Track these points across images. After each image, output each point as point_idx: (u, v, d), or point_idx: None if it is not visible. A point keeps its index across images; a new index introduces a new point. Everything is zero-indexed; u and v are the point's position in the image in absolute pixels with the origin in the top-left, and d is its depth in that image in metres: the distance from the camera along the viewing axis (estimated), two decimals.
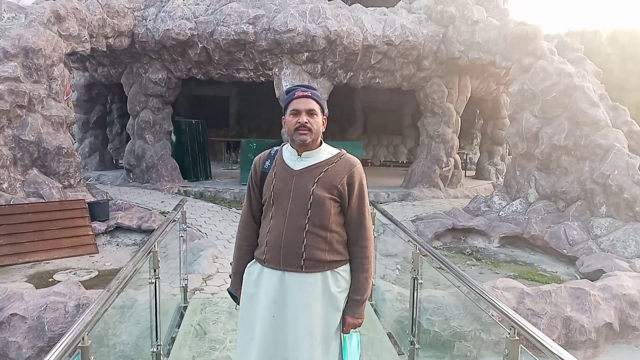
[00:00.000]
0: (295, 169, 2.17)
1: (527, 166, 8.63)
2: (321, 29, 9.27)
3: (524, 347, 2.13)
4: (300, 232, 2.10)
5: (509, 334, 2.16)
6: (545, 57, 8.44)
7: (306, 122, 2.11)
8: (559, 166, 8.02)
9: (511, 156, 9.89)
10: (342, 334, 2.21)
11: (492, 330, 4.54)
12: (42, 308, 4.44)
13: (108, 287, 2.21)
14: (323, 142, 2.23)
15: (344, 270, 2.19)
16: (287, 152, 2.24)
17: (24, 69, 7.86)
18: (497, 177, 14.08)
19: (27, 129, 7.88)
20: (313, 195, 2.09)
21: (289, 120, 2.16)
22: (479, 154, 15.77)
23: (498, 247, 8.04)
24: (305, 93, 2.16)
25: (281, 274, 2.12)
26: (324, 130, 2.22)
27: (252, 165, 2.33)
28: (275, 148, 2.33)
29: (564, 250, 7.22)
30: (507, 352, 2.14)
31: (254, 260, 2.26)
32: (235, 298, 2.39)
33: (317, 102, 2.17)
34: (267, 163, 2.26)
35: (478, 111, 15.01)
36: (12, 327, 4.34)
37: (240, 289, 2.32)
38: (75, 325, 1.81)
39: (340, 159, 2.19)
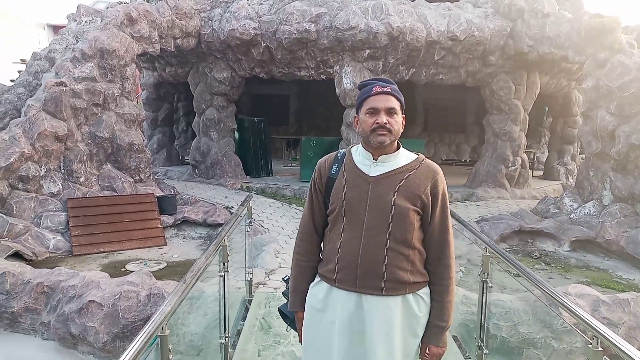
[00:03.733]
0: (371, 175, 1.92)
1: (602, 166, 8.15)
2: (383, 25, 9.18)
3: (607, 359, 2.01)
4: (381, 249, 1.86)
5: (590, 344, 2.04)
6: (623, 50, 7.93)
7: (386, 123, 1.86)
8: (637, 167, 7.52)
9: (583, 156, 9.39)
10: None
11: (564, 338, 4.32)
12: (117, 296, 4.68)
13: (184, 279, 2.29)
14: (400, 145, 1.99)
15: (425, 293, 1.95)
16: (359, 156, 1.98)
17: (100, 69, 8.30)
18: (567, 178, 13.41)
19: (102, 126, 8.32)
20: (395, 206, 1.85)
21: (364, 119, 1.91)
22: (547, 153, 15.08)
23: (569, 251, 7.66)
24: (385, 89, 1.91)
25: (357, 296, 1.89)
26: (402, 130, 1.96)
27: (316, 169, 2.07)
28: (342, 151, 2.07)
29: None
30: None
31: (319, 278, 2.02)
32: (288, 319, 2.17)
33: (398, 99, 1.92)
34: (335, 168, 2.00)
35: (547, 108, 14.33)
36: (90, 313, 4.60)
37: (300, 311, 2.07)
38: (156, 315, 1.89)
39: (421, 165, 1.94)
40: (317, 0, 9.90)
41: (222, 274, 3.33)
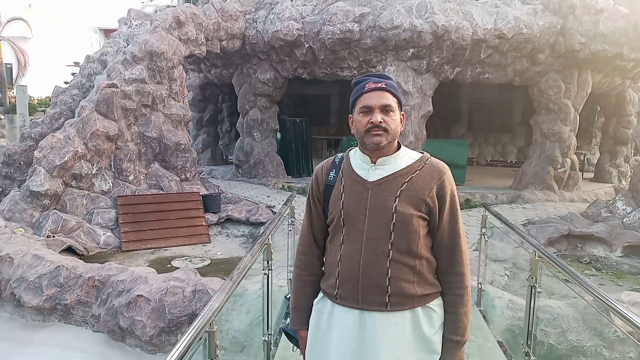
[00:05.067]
0: (369, 180, 1.75)
1: None
2: (428, 24, 9.05)
3: None
4: (383, 261, 1.69)
5: None
6: None
7: (380, 122, 1.69)
8: None
9: (638, 157, 8.96)
10: None
11: (616, 347, 4.15)
12: (164, 292, 4.82)
13: (231, 276, 2.34)
14: (401, 144, 1.81)
15: (437, 305, 1.77)
16: (357, 160, 1.82)
17: (149, 71, 8.56)
18: (620, 181, 12.83)
19: (151, 126, 8.58)
20: (396, 213, 1.68)
21: (358, 119, 1.75)
22: (598, 155, 14.48)
23: (621, 257, 7.34)
24: (379, 85, 1.73)
25: (359, 313, 1.72)
26: (402, 129, 1.80)
27: (313, 176, 1.92)
28: (339, 155, 1.90)
29: None
30: None
31: (322, 294, 1.86)
32: (293, 339, 2.02)
33: (394, 95, 1.75)
34: (332, 174, 1.84)
35: (599, 108, 13.77)
36: (138, 307, 4.76)
37: (302, 329, 1.91)
38: (205, 311, 1.93)
39: (425, 165, 1.76)
40: (360, 0, 9.87)
41: (266, 272, 3.38)
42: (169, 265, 6.69)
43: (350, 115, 1.83)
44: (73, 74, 10.99)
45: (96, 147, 7.82)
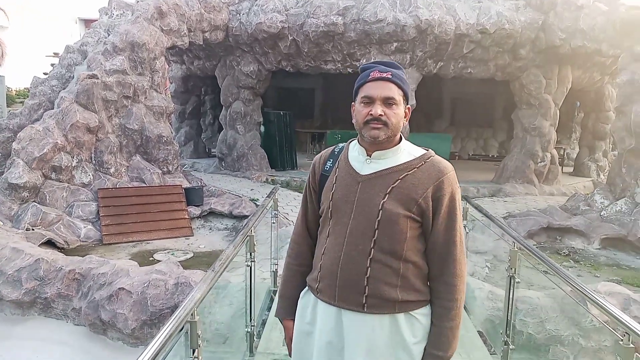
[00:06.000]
0: (362, 173, 1.66)
1: (635, 163, 7.94)
2: (412, 18, 9.09)
3: (639, 356, 1.97)
4: (363, 259, 1.59)
5: (621, 340, 2.01)
6: None
7: (380, 115, 1.59)
8: None
9: (616, 152, 9.15)
10: None
11: (592, 336, 4.25)
12: (146, 284, 4.79)
13: (213, 267, 2.33)
14: (403, 138, 1.71)
15: (424, 315, 1.64)
16: (354, 151, 1.73)
17: (130, 62, 8.45)
18: (598, 175, 13.09)
19: (132, 118, 8.48)
20: (382, 210, 1.58)
21: (358, 109, 1.66)
22: (577, 149, 14.75)
23: (598, 249, 7.50)
24: (385, 74, 1.62)
25: (337, 311, 1.65)
26: (405, 123, 1.68)
27: (311, 166, 1.85)
28: (340, 145, 1.82)
29: None
30: (619, 359, 1.99)
31: (307, 287, 1.80)
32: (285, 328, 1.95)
33: (400, 87, 1.63)
34: (329, 163, 1.77)
35: (578, 103, 14.00)
36: (119, 300, 4.72)
37: (289, 319, 1.87)
38: (186, 302, 1.93)
39: (424, 163, 1.63)
40: None
41: (249, 264, 3.38)
42: (151, 259, 6.64)
43: (352, 102, 1.73)
44: (52, 64, 10.77)
45: (76, 139, 7.70)
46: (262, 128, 12.12)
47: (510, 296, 3.34)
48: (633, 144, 7.90)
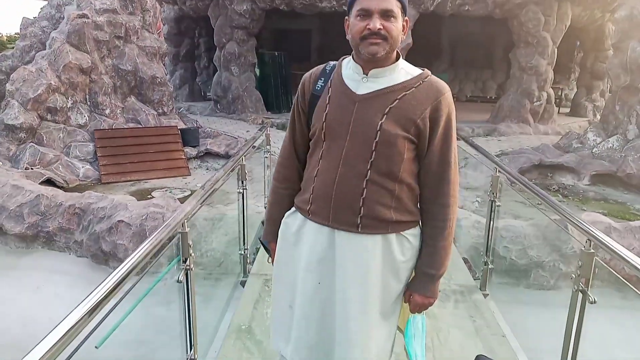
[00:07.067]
0: (358, 93, 1.58)
1: (629, 100, 7.96)
2: None
3: (598, 259, 2.12)
4: (359, 181, 1.57)
5: (584, 247, 2.15)
6: None
7: (380, 29, 1.49)
8: None
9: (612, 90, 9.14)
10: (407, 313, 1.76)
11: (572, 262, 4.45)
12: (144, 217, 4.95)
13: (203, 185, 2.45)
14: (401, 56, 1.62)
15: (413, 235, 1.66)
16: (349, 70, 1.64)
17: (120, 1, 8.28)
18: (595, 115, 13.09)
19: (125, 59, 8.41)
20: (381, 131, 1.53)
21: (354, 23, 1.55)
22: (575, 90, 14.67)
23: (588, 185, 7.64)
24: None
25: (329, 231, 1.63)
26: (403, 38, 1.60)
27: (300, 84, 1.75)
28: (332, 63, 1.73)
29: None
30: (580, 264, 2.14)
31: (294, 208, 1.76)
32: (269, 251, 1.94)
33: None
34: (320, 83, 1.68)
35: (578, 43, 13.79)
36: (119, 232, 4.89)
37: (273, 241, 1.85)
38: (177, 213, 2.06)
39: (422, 83, 1.57)
40: None
41: (241, 190, 3.50)
42: (149, 196, 6.77)
43: (346, 17, 1.61)
44: (42, 8, 10.55)
45: (70, 80, 7.68)
46: (257, 70, 12.01)
47: (491, 217, 3.49)
48: (628, 80, 7.89)
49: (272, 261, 1.87)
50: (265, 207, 5.10)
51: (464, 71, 16.63)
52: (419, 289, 1.64)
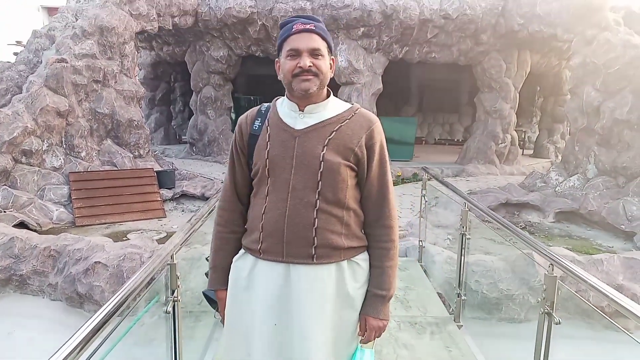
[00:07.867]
0: (297, 128, 1.66)
1: (587, 141, 8.44)
2: (377, 3, 9.36)
3: (561, 283, 2.30)
4: (310, 211, 1.61)
5: (547, 271, 2.33)
6: (610, 28, 8.16)
7: (310, 66, 1.59)
8: (620, 141, 7.80)
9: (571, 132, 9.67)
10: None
11: (541, 293, 4.63)
12: (121, 258, 4.95)
13: (189, 220, 2.56)
14: (331, 92, 1.74)
15: (363, 260, 1.71)
16: (284, 108, 1.72)
17: (99, 46, 8.47)
18: (557, 156, 13.72)
19: (102, 102, 8.52)
20: (324, 161, 1.60)
21: (284, 63, 1.64)
22: (538, 132, 15.39)
23: (553, 222, 7.97)
24: (307, 26, 1.63)
25: (284, 267, 1.64)
26: (332, 75, 1.71)
27: (237, 127, 1.79)
28: (266, 104, 1.80)
29: (622, 226, 7.08)
30: (545, 287, 2.31)
31: (243, 251, 1.75)
32: (213, 303, 1.88)
33: (323, 39, 1.65)
34: (257, 123, 1.73)
35: (539, 88, 14.59)
36: (95, 274, 4.87)
37: (221, 290, 1.80)
38: (166, 245, 2.16)
39: (354, 115, 1.69)
40: None
41: None
42: (124, 239, 6.76)
43: (277, 59, 1.71)
44: (15, 53, 10.62)
45: (46, 123, 7.72)
46: (233, 114, 12.25)
47: (463, 251, 3.66)
48: (585, 123, 8.39)
49: (221, 312, 1.82)
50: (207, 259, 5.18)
51: (432, 115, 17.28)
52: (371, 311, 1.68)
